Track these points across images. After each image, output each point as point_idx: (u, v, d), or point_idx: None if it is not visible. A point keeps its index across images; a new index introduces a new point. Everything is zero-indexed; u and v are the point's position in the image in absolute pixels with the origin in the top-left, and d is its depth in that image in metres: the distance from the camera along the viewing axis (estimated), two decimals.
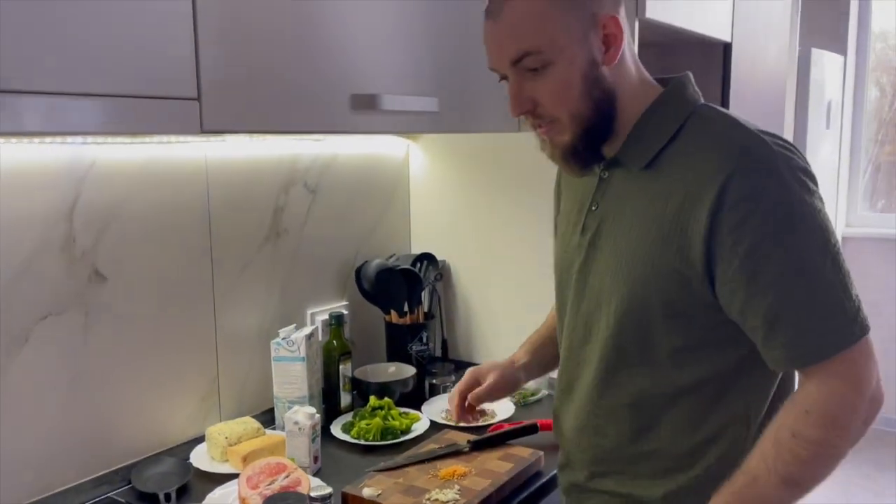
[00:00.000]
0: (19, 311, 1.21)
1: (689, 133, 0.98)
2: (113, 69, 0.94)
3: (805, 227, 0.90)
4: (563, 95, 0.97)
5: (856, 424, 0.92)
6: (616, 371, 1.04)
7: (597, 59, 0.96)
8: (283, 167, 1.63)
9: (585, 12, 0.95)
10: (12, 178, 1.19)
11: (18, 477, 1.23)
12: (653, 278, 0.97)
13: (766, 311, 0.91)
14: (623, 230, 1.01)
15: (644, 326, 1.00)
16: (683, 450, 1.03)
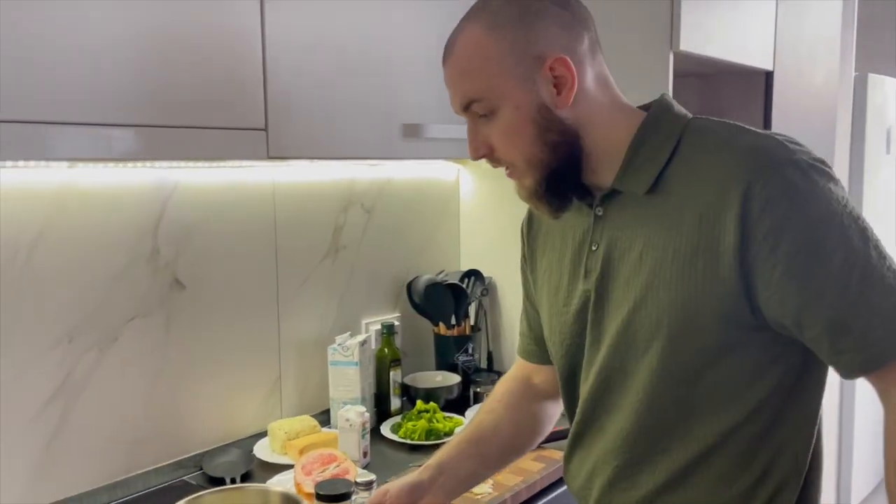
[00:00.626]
0: (112, 313, 1.40)
1: (688, 148, 0.91)
2: (199, 105, 1.12)
3: (841, 218, 0.83)
4: (514, 141, 0.93)
5: None
6: (652, 417, 0.93)
7: (547, 103, 0.91)
8: (342, 190, 1.80)
9: (529, 55, 0.90)
10: (109, 199, 1.38)
11: (108, 457, 1.41)
12: (681, 304, 0.88)
13: (827, 315, 0.83)
14: (634, 262, 0.93)
15: (683, 359, 0.90)
16: (730, 495, 0.92)
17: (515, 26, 0.90)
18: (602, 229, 0.97)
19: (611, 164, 0.94)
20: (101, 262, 1.38)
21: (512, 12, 0.90)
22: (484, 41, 0.90)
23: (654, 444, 0.94)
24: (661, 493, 0.94)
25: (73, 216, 1.33)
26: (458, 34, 0.94)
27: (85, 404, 1.36)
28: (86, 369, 1.36)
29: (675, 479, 0.93)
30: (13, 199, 1.26)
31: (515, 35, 0.89)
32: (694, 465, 0.92)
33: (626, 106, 0.97)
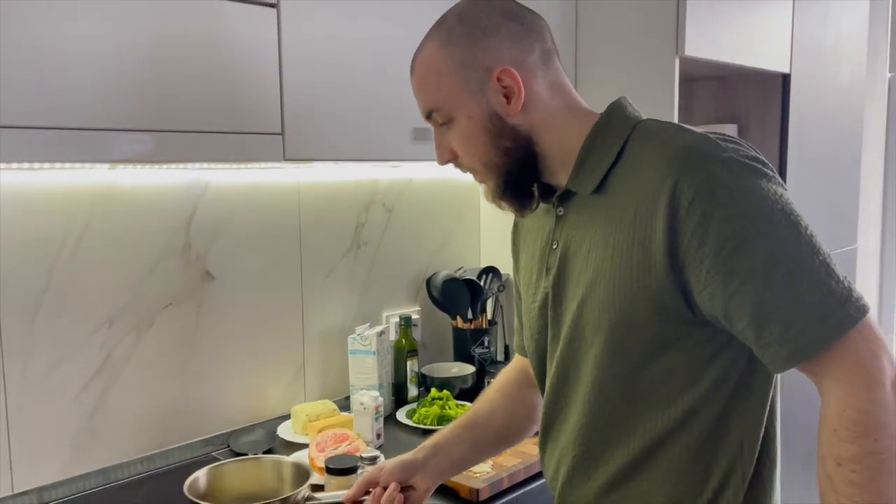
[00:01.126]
0: (148, 301, 1.54)
1: (632, 149, 0.94)
2: (222, 112, 1.24)
3: (769, 213, 0.85)
4: (471, 148, 0.99)
5: (889, 418, 0.82)
6: (603, 409, 0.97)
7: (498, 112, 0.96)
8: (364, 189, 1.91)
9: (478, 69, 0.95)
10: (145, 197, 1.52)
11: (143, 432, 1.55)
12: (619, 301, 0.92)
13: (751, 309, 0.84)
14: (583, 259, 0.97)
15: (625, 354, 0.94)
16: (675, 490, 0.95)
17: (465, 43, 0.96)
18: (561, 228, 1.01)
19: (566, 165, 0.99)
20: (138, 254, 1.52)
21: (462, 30, 0.97)
22: (437, 57, 0.98)
23: (605, 437, 0.98)
24: (614, 485, 0.97)
25: (114, 213, 1.48)
26: (418, 51, 1.02)
27: (123, 383, 1.51)
28: (124, 352, 1.50)
29: (626, 472, 0.96)
30: (61, 197, 1.40)
31: (464, 51, 0.96)
32: (643, 459, 0.95)
33: (582, 110, 1.01)
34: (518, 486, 1.43)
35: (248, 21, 1.27)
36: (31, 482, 1.40)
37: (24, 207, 1.36)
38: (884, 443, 0.82)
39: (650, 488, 0.96)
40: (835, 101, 2.43)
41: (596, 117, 1.00)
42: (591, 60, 1.91)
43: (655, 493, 0.95)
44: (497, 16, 0.97)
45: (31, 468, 1.40)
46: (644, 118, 0.99)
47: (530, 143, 0.98)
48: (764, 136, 2.25)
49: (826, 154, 2.41)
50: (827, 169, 2.43)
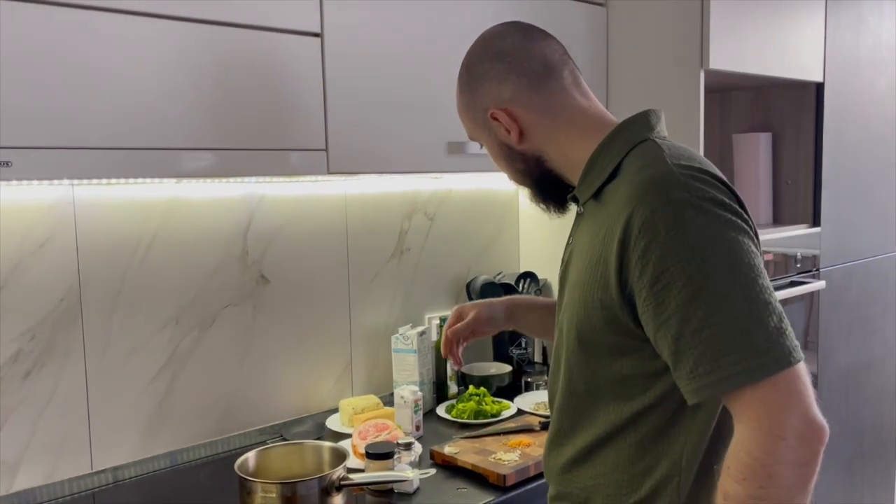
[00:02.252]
0: (210, 301, 1.71)
1: (624, 169, 1.00)
2: (272, 131, 1.39)
3: (703, 257, 0.88)
4: (499, 167, 1.19)
5: (782, 470, 0.84)
6: (573, 396, 1.07)
7: (506, 142, 1.11)
8: (407, 199, 2.05)
9: (479, 110, 1.13)
10: (207, 208, 1.69)
11: (205, 420, 1.71)
12: (582, 306, 1.01)
13: (671, 341, 0.90)
14: (575, 262, 1.07)
15: (583, 354, 1.03)
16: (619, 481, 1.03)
17: (466, 90, 1.15)
18: (576, 228, 1.12)
19: (575, 171, 1.09)
20: (201, 259, 1.69)
21: (466, 77, 1.16)
22: (459, 99, 1.18)
23: (573, 421, 1.08)
24: (575, 463, 1.08)
25: (180, 222, 1.65)
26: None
27: (188, 375, 1.68)
28: (189, 346, 1.68)
29: (585, 453, 1.07)
30: (133, 209, 1.59)
31: (467, 96, 1.15)
32: (598, 446, 1.05)
33: (591, 123, 1.08)
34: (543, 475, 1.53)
35: (296, 49, 1.42)
36: (107, 462, 1.58)
37: (101, 218, 1.55)
38: (768, 491, 0.85)
39: (600, 472, 1.05)
40: (871, 109, 2.45)
41: (609, 129, 1.07)
42: (621, 74, 2.00)
43: (604, 478, 1.05)
44: (487, 60, 1.11)
45: (108, 449, 1.58)
46: (651, 137, 1.03)
47: (541, 161, 1.12)
48: (798, 144, 2.30)
49: (864, 162, 2.44)
50: (865, 176, 2.45)
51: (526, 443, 1.62)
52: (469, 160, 1.70)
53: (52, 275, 1.49)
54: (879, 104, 2.48)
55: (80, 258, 1.52)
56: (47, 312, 1.49)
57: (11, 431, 1.46)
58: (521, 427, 1.72)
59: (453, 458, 1.56)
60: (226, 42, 1.33)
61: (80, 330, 1.53)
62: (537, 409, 1.91)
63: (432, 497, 1.45)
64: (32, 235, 1.47)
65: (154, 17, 1.24)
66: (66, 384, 1.52)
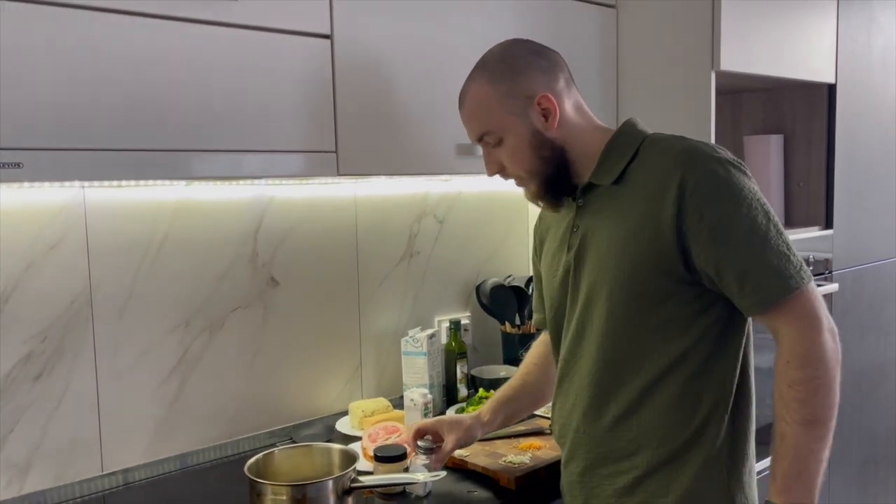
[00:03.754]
0: (219, 304, 1.71)
1: (644, 151, 1.22)
2: (283, 134, 1.39)
3: (748, 201, 1.13)
4: (518, 160, 1.25)
5: (827, 353, 1.12)
6: (614, 352, 1.21)
7: (539, 129, 1.23)
8: (417, 201, 2.05)
9: (521, 97, 1.22)
10: (217, 210, 1.69)
11: (215, 423, 1.71)
12: (633, 263, 1.17)
13: (736, 267, 1.12)
14: (602, 235, 1.22)
15: (632, 304, 1.18)
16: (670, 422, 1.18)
17: (507, 78, 1.23)
18: (582, 215, 1.27)
19: (588, 167, 1.27)
20: (211, 261, 1.69)
21: (504, 68, 1.24)
22: (485, 91, 1.25)
23: (614, 379, 1.22)
24: (622, 418, 1.22)
25: (190, 224, 1.65)
26: (466, 89, 1.29)
27: (198, 378, 1.68)
28: (199, 349, 1.68)
29: (633, 405, 1.21)
30: (144, 211, 1.59)
31: (509, 84, 1.23)
32: (645, 395, 1.20)
33: (598, 126, 1.30)
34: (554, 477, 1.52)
35: (306, 52, 1.42)
36: (117, 464, 1.58)
37: (112, 220, 1.55)
38: (823, 372, 1.12)
39: (651, 419, 1.20)
40: (884, 110, 2.43)
41: (611, 131, 1.29)
42: (632, 76, 1.99)
43: (656, 423, 1.20)
44: (528, 54, 1.25)
45: (119, 451, 1.58)
46: (651, 132, 1.27)
47: (564, 151, 1.25)
48: (810, 145, 2.28)
49: (876, 163, 2.42)
50: (878, 178, 2.44)
51: (536, 445, 1.62)
52: (478, 162, 1.67)
53: (62, 277, 1.49)
54: (892, 105, 2.46)
55: (91, 260, 1.52)
56: (58, 315, 1.49)
57: (22, 433, 1.46)
58: (531, 430, 1.71)
59: (463, 461, 1.55)
60: (237, 44, 1.33)
61: (91, 332, 1.53)
62: (547, 412, 1.90)
63: (443, 500, 1.44)
64: (43, 238, 1.47)
65: (165, 18, 1.24)
66: (76, 386, 1.52)
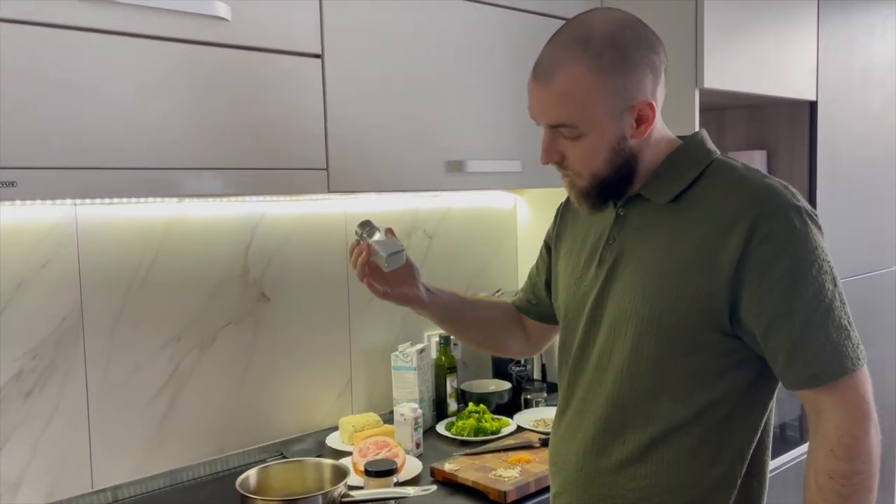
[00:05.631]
0: (210, 319, 1.71)
1: (711, 177, 1.09)
2: (273, 151, 1.41)
3: (819, 262, 1.02)
4: (590, 160, 1.10)
5: (874, 447, 1.01)
6: (630, 392, 1.10)
7: (626, 135, 1.08)
8: (407, 217, 2.07)
9: (623, 99, 1.06)
10: (208, 227, 1.71)
11: (205, 438, 1.72)
12: (674, 301, 1.05)
13: (790, 332, 1.01)
14: (643, 259, 1.10)
15: (661, 348, 1.07)
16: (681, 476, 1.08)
17: (616, 73, 1.04)
18: (621, 227, 1.15)
19: (642, 175, 1.13)
20: (202, 278, 1.70)
21: (614, 58, 1.04)
22: (585, 81, 1.05)
23: (626, 419, 1.11)
24: (626, 464, 1.11)
25: (181, 241, 1.66)
26: (558, 65, 1.06)
27: (189, 394, 1.68)
28: (190, 365, 1.68)
29: (641, 452, 1.10)
30: (135, 228, 1.60)
31: (615, 81, 1.05)
32: (656, 443, 1.09)
33: (666, 132, 1.16)
34: (544, 491, 1.53)
35: (297, 70, 1.44)
36: (108, 481, 1.58)
37: (103, 237, 1.56)
38: (868, 466, 1.01)
39: (658, 470, 1.09)
40: (866, 127, 2.47)
41: (676, 142, 1.16)
42: None
43: (663, 475, 1.09)
44: (643, 48, 1.07)
45: (109, 467, 1.58)
46: (719, 154, 1.15)
47: (636, 160, 1.11)
48: (793, 162, 2.32)
49: (859, 179, 2.46)
50: (860, 194, 2.47)
51: (526, 459, 1.63)
52: (467, 178, 1.72)
53: (54, 294, 1.50)
54: (872, 122, 2.50)
55: (82, 277, 1.53)
56: (49, 332, 1.50)
57: (13, 450, 1.46)
58: (520, 444, 1.73)
59: (454, 475, 1.56)
60: (228, 63, 1.34)
61: (82, 349, 1.53)
62: (537, 426, 1.91)
63: None
64: (35, 255, 1.48)
65: (156, 39, 1.25)
66: (67, 403, 1.52)
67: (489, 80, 1.74)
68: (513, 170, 1.79)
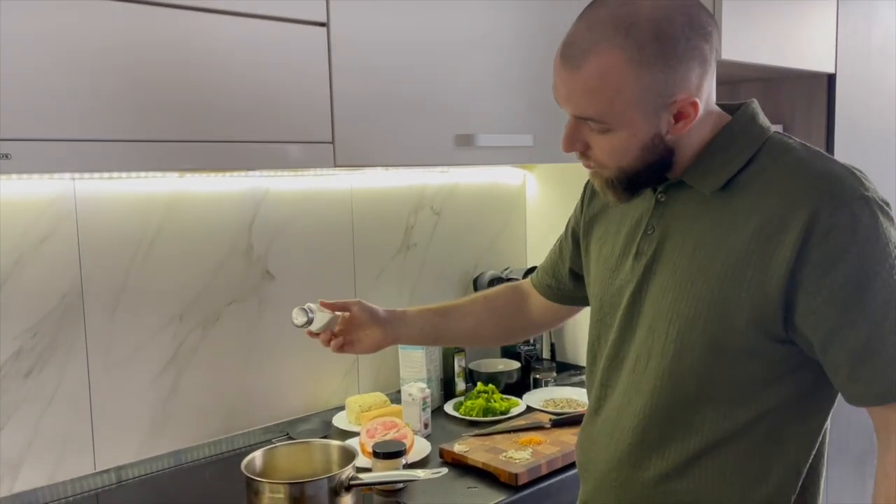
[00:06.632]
0: (214, 297, 1.67)
1: (765, 160, 0.95)
2: (278, 124, 1.36)
3: (891, 261, 0.87)
4: (617, 156, 0.97)
5: None
6: (670, 402, 0.98)
7: (661, 132, 0.94)
8: (413, 193, 2.02)
9: (663, 95, 0.91)
10: (211, 203, 1.66)
11: (209, 419, 1.68)
12: (720, 302, 0.93)
13: (855, 344, 0.88)
14: (686, 253, 0.97)
15: (706, 355, 0.95)
16: (727, 493, 0.98)
17: (658, 68, 0.89)
18: (661, 216, 1.02)
19: (684, 160, 0.99)
20: (205, 255, 1.66)
21: (658, 51, 0.89)
22: (622, 73, 0.90)
23: (665, 430, 0.99)
24: (667, 477, 1.00)
25: (183, 217, 1.62)
26: (592, 50, 0.91)
27: (192, 373, 1.65)
28: (193, 344, 1.64)
29: (682, 467, 0.99)
30: (135, 204, 1.55)
31: (655, 76, 0.90)
32: (699, 457, 0.97)
33: (713, 110, 0.99)
34: (555, 473, 1.50)
35: (302, 40, 1.39)
36: (110, 461, 1.55)
37: (103, 213, 1.51)
38: None
39: (701, 486, 0.98)
40: (883, 99, 2.41)
41: (723, 119, 1.00)
42: None
43: (707, 492, 0.98)
44: (695, 37, 0.91)
45: (111, 448, 1.55)
46: (773, 130, 1.00)
47: (672, 153, 0.97)
48: (809, 136, 2.26)
49: (877, 154, 2.40)
50: (877, 167, 2.42)
51: (537, 440, 1.59)
52: (477, 153, 1.67)
53: (53, 271, 1.46)
54: (891, 94, 2.44)
55: (82, 254, 1.49)
56: (49, 310, 1.46)
57: (13, 431, 1.43)
58: (531, 424, 1.69)
59: (463, 457, 1.53)
60: (230, 32, 1.29)
61: (83, 327, 1.50)
62: (546, 406, 1.88)
63: (442, 496, 1.42)
64: (33, 231, 1.43)
65: (157, 5, 1.20)
66: (68, 383, 1.48)
67: (500, 51, 1.68)
68: (524, 144, 1.74)
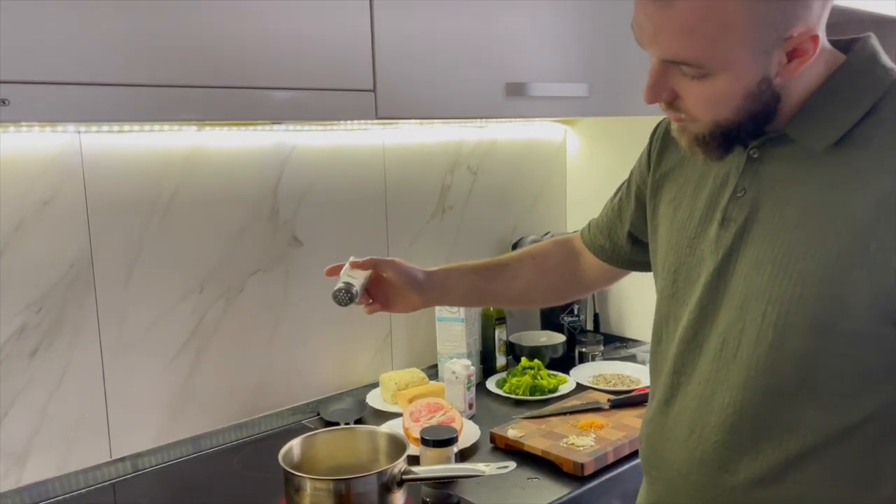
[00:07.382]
0: (237, 267, 1.51)
1: (887, 109, 0.80)
2: (312, 69, 1.18)
3: None
4: (716, 106, 0.82)
5: None
6: (766, 396, 0.85)
7: (770, 75, 0.80)
8: (450, 151, 1.84)
9: (779, 28, 0.77)
10: (232, 160, 1.48)
11: (233, 400, 1.53)
12: (833, 280, 0.78)
13: None
14: (789, 221, 0.83)
15: (812, 341, 0.81)
16: (834, 501, 0.84)
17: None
18: (754, 175, 0.87)
19: (789, 109, 0.83)
20: (226, 219, 1.48)
21: None
22: (730, 6, 0.75)
23: (761, 427, 0.85)
24: (760, 484, 0.86)
25: (202, 177, 1.44)
26: None
27: (214, 350, 1.49)
28: (215, 317, 1.48)
29: (779, 470, 0.85)
30: (149, 160, 1.38)
31: (773, 7, 0.75)
32: (799, 461, 0.84)
33: (825, 47, 0.82)
34: (623, 461, 1.36)
35: None
36: (127, 449, 1.39)
37: (113, 171, 1.34)
38: None
39: (802, 493, 0.84)
40: None
41: (836, 58, 0.83)
42: None
43: (808, 499, 0.84)
44: None
45: (127, 434, 1.39)
46: None
47: (779, 101, 0.82)
48: None
49: None
50: None
51: (598, 424, 1.44)
52: (528, 104, 1.49)
53: (59, 237, 1.29)
54: None
55: (91, 218, 1.32)
56: (55, 281, 1.29)
57: (18, 417, 1.27)
58: (587, 405, 1.54)
59: (519, 443, 1.38)
60: None
61: (94, 301, 1.33)
62: (596, 384, 1.73)
63: (500, 488, 1.27)
64: (35, 191, 1.26)
65: None
66: (78, 363, 1.32)
67: None
68: (578, 94, 1.56)
